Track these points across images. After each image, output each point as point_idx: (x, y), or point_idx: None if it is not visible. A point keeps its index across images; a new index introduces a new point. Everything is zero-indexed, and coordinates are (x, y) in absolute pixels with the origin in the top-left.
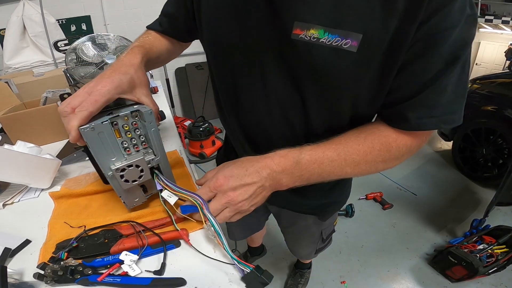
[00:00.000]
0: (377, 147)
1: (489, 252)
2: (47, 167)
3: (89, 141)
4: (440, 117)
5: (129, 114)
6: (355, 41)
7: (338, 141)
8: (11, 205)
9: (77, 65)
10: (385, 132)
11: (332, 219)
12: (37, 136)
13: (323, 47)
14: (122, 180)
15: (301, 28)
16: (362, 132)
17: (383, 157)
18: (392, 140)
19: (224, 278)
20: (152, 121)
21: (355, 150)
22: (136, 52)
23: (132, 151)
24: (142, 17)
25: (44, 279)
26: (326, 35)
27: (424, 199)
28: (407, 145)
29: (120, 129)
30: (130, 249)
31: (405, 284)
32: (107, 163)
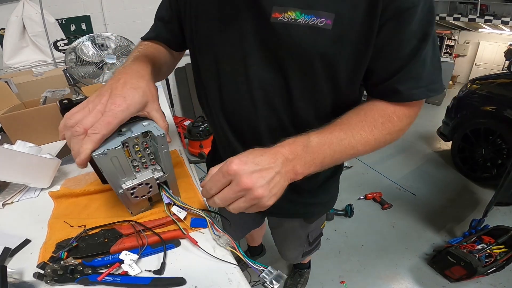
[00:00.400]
0: (380, 120)
1: (488, 252)
2: (47, 166)
3: (102, 166)
4: (426, 87)
5: (140, 135)
6: (329, 20)
7: (341, 122)
8: (11, 204)
9: (77, 65)
10: (382, 106)
11: (319, 222)
12: (37, 136)
13: (300, 26)
14: (132, 197)
15: (279, 12)
16: (361, 110)
17: (388, 129)
18: (391, 111)
19: (224, 278)
20: (164, 144)
21: (360, 126)
22: (144, 61)
23: (141, 168)
24: (142, 16)
25: (44, 278)
26: (303, 16)
27: (423, 199)
28: (406, 114)
29: (130, 149)
30: (130, 248)
31: (404, 284)
32: (117, 183)
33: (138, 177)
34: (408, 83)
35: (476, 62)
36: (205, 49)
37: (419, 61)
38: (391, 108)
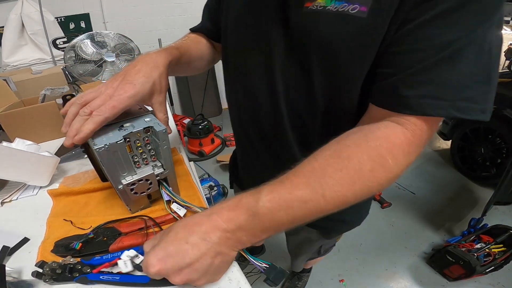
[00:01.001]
0: (368, 166)
1: (487, 251)
2: (46, 164)
3: (103, 160)
4: (451, 102)
5: (142, 130)
6: (364, 6)
7: (311, 170)
8: (9, 203)
9: (76, 63)
10: (374, 142)
11: (337, 236)
12: (36, 134)
13: (329, 13)
14: (131, 193)
15: (311, 0)
16: (344, 149)
17: (377, 179)
18: (385, 150)
19: (223, 277)
20: (165, 140)
21: (338, 178)
22: (168, 53)
23: (142, 164)
24: (141, 15)
25: (42, 277)
26: (333, 2)
27: (422, 198)
28: (405, 150)
29: (132, 145)
30: (129, 247)
31: (403, 283)
32: (118, 177)
33: (138, 173)
34: (421, 87)
35: None
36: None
37: (449, 62)
38: (386, 145)
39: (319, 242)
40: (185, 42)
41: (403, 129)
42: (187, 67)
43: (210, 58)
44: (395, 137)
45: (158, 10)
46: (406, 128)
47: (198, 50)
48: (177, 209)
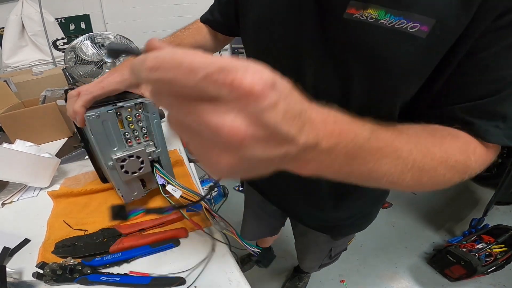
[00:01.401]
0: (456, 157)
1: (488, 251)
2: (46, 166)
3: (93, 129)
4: (506, 130)
5: (133, 105)
6: (425, 26)
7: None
8: (10, 204)
9: (76, 64)
10: (463, 139)
11: (346, 239)
12: (36, 135)
13: (382, 28)
14: (122, 171)
15: (357, 8)
16: (437, 131)
17: (454, 172)
18: (471, 150)
19: (223, 277)
20: (155, 113)
21: (431, 152)
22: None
23: (134, 143)
24: (141, 16)
25: (43, 278)
26: (388, 16)
27: (423, 198)
28: (483, 158)
29: (123, 120)
30: (129, 248)
31: (403, 283)
32: (108, 153)
33: (130, 149)
34: (486, 116)
35: None
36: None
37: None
38: (474, 145)
39: (328, 244)
40: (181, 35)
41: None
42: None
43: (209, 49)
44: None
45: (159, 11)
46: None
47: (195, 42)
48: (172, 191)
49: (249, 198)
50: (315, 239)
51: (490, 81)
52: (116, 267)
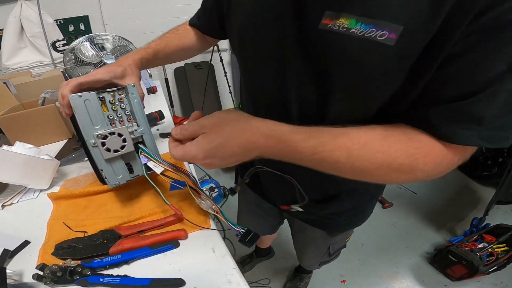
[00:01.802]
0: (400, 161)
1: (489, 250)
2: (46, 167)
3: (76, 108)
4: (481, 132)
5: (115, 90)
6: (393, 34)
7: (357, 138)
8: (10, 206)
9: (76, 65)
10: (416, 143)
11: (344, 236)
12: (36, 137)
13: (353, 37)
14: (103, 148)
15: (331, 18)
16: (390, 137)
17: (398, 174)
18: (421, 155)
19: (223, 279)
20: (135, 93)
21: (372, 157)
22: (138, 51)
23: (118, 124)
24: (141, 17)
25: (43, 280)
26: (359, 25)
27: (424, 197)
28: (436, 163)
29: (107, 104)
30: (129, 249)
31: (405, 283)
32: (90, 131)
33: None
34: (455, 117)
35: None
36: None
37: (488, 93)
38: (424, 149)
39: (325, 241)
40: (168, 37)
41: (442, 145)
42: (168, 58)
43: (196, 49)
44: (434, 147)
45: (158, 12)
46: (444, 146)
47: (182, 44)
48: (153, 167)
49: (244, 196)
50: (312, 235)
51: (467, 85)
52: (115, 269)
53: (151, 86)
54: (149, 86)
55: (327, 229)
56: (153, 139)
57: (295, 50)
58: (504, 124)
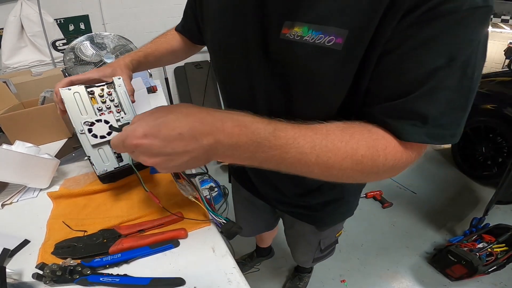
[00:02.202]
0: (362, 152)
1: (489, 250)
2: (46, 167)
3: (66, 99)
4: (426, 129)
5: (104, 85)
6: (340, 38)
7: (319, 129)
8: (10, 205)
9: (76, 65)
10: (375, 135)
11: (334, 230)
12: (36, 136)
13: (306, 45)
14: (90, 135)
15: (288, 27)
16: (350, 128)
17: (362, 167)
18: (381, 147)
19: (223, 278)
20: (120, 84)
21: (335, 148)
22: (128, 55)
23: (106, 114)
24: (141, 16)
25: (43, 279)
26: (310, 32)
27: (423, 197)
28: (396, 157)
29: (96, 97)
30: (129, 248)
31: (405, 282)
32: (79, 120)
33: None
34: (401, 116)
35: None
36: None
37: (427, 92)
38: (383, 142)
39: (315, 236)
40: (158, 41)
41: (397, 140)
42: (159, 60)
43: (184, 53)
44: (391, 140)
45: (158, 11)
46: (399, 141)
47: (171, 47)
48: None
49: (237, 194)
50: (301, 230)
51: (402, 82)
52: (115, 268)
53: (151, 86)
54: (149, 85)
55: (315, 223)
56: None
57: (261, 61)
58: (449, 122)
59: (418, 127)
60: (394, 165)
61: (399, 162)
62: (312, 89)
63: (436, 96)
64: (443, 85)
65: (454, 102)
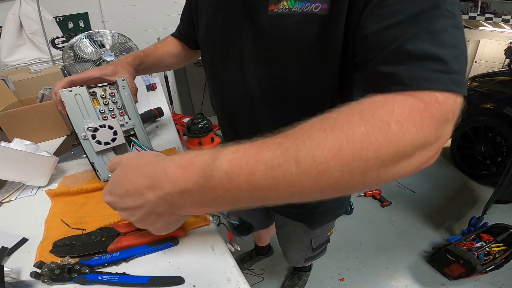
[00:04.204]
0: (361, 129)
1: (487, 250)
2: (44, 164)
3: (66, 101)
4: (448, 74)
5: (106, 85)
6: (325, 4)
7: (290, 132)
8: (8, 203)
9: (75, 62)
10: (370, 105)
11: (325, 229)
12: (34, 133)
13: (295, 15)
14: (94, 141)
15: (275, 3)
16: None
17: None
18: (384, 113)
19: (222, 277)
20: (124, 86)
21: (318, 140)
22: (129, 55)
23: (109, 118)
24: (140, 14)
25: (41, 278)
26: (297, 4)
27: (422, 196)
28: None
29: (98, 99)
30: (128, 247)
31: (403, 281)
32: (81, 125)
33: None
34: (411, 62)
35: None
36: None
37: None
38: (387, 108)
39: (307, 234)
40: (158, 45)
41: (408, 98)
42: (158, 64)
43: (185, 56)
44: (396, 102)
45: (157, 9)
46: (413, 97)
47: (171, 51)
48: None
49: None
50: (293, 229)
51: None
52: (114, 267)
53: (151, 83)
54: (148, 83)
55: (306, 222)
56: (144, 132)
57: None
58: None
59: (438, 73)
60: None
61: (422, 120)
62: (304, 60)
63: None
64: (439, 28)
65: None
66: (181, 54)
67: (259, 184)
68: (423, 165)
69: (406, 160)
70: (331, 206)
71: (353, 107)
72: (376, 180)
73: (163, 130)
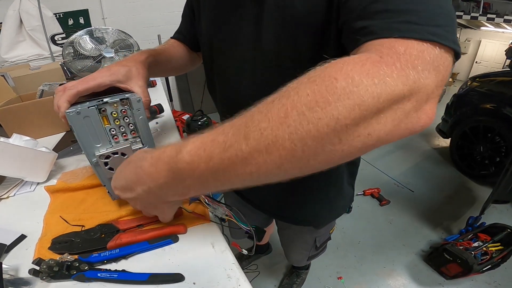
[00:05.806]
0: (307, 91)
1: (484, 249)
2: (43, 160)
3: (74, 125)
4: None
5: (118, 101)
6: None
7: (248, 110)
8: (7, 199)
9: (75, 59)
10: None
11: (329, 227)
12: (33, 129)
13: None
14: (106, 168)
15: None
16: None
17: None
18: (330, 71)
19: (222, 274)
20: (140, 109)
21: (264, 112)
22: (143, 52)
23: (120, 139)
24: (140, 10)
25: (39, 275)
26: None
27: (421, 196)
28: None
29: (108, 116)
30: (127, 244)
31: (400, 280)
32: (91, 149)
33: (115, 146)
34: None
35: (476, 60)
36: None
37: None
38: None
39: (312, 234)
40: (164, 45)
41: (362, 54)
42: (168, 64)
43: (189, 59)
44: (348, 59)
45: (158, 6)
46: (369, 51)
47: (177, 52)
48: None
49: (228, 197)
50: (299, 229)
51: None
52: (113, 264)
53: (151, 80)
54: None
55: (313, 224)
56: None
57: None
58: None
59: (414, 24)
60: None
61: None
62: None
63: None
64: None
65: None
66: (185, 57)
67: (219, 168)
68: (405, 125)
69: (372, 117)
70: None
71: (307, 73)
72: (340, 145)
73: (163, 127)
